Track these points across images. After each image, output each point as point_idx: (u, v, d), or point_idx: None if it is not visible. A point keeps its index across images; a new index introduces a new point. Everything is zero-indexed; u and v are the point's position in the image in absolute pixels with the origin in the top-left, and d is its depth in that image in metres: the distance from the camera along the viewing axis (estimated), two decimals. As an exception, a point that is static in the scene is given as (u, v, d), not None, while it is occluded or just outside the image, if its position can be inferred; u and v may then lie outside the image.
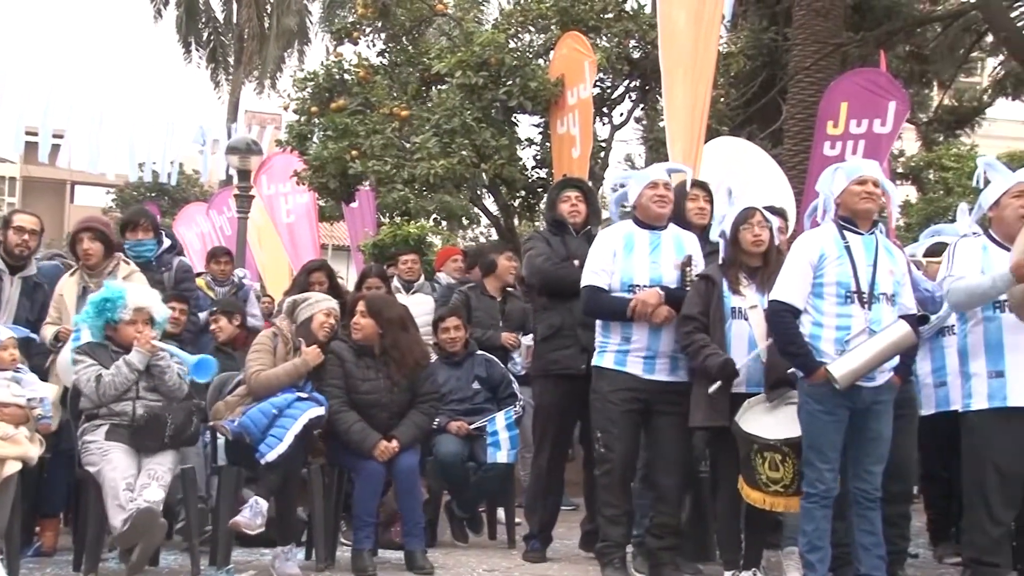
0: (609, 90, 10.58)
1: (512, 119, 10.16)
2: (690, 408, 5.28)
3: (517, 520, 6.71)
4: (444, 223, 17.42)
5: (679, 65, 8.08)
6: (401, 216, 12.03)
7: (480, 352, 6.91)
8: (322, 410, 5.50)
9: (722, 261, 5.39)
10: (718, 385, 5.09)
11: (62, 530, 6.25)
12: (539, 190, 10.40)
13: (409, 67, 10.72)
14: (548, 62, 9.91)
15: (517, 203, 10.84)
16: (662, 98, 9.01)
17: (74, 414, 5.50)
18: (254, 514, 5.26)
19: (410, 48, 11.06)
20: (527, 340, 6.77)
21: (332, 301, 5.92)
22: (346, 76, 10.61)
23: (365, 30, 11.08)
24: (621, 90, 10.71)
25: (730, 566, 5.24)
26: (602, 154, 10.56)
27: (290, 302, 5.97)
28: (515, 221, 11.47)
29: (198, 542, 5.44)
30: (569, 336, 5.89)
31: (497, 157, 9.53)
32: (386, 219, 13.55)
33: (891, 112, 8.75)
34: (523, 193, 10.56)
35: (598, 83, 9.75)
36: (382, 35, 11.13)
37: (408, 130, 9.98)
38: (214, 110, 44.95)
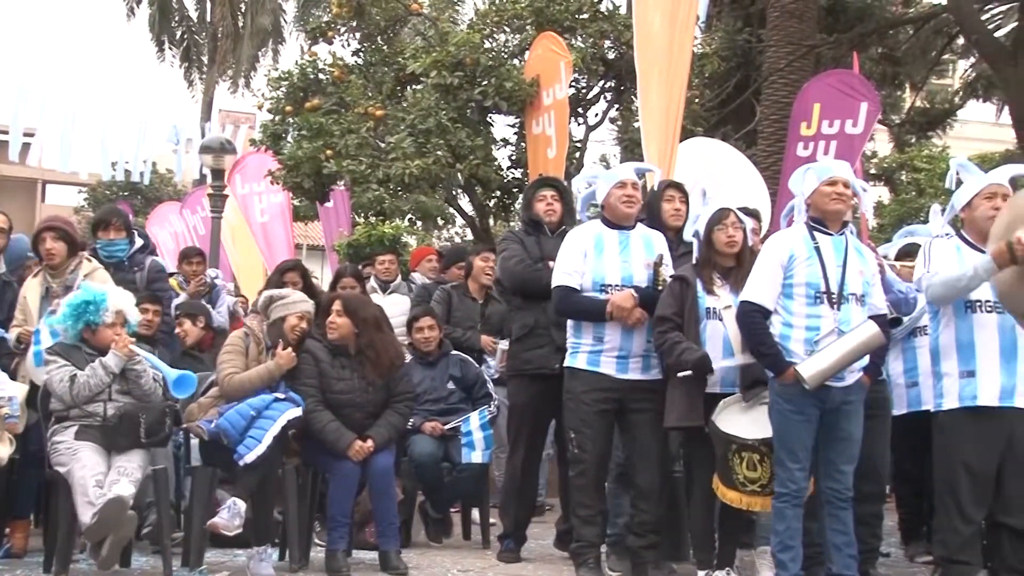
0: (584, 90, 10.58)
1: (487, 119, 10.15)
2: (665, 409, 5.29)
3: (492, 520, 6.71)
4: (419, 223, 17.42)
5: (654, 66, 8.10)
6: (376, 216, 12.00)
7: (455, 352, 6.90)
8: (300, 411, 5.48)
9: (696, 261, 5.40)
10: (689, 373, 5.10)
11: (32, 531, 6.19)
12: (514, 190, 10.39)
13: (384, 67, 10.69)
14: (523, 62, 9.90)
15: (492, 203, 10.83)
16: (637, 99, 9.03)
17: (44, 415, 5.44)
18: (232, 515, 5.24)
19: (385, 48, 11.03)
20: (503, 344, 6.76)
21: (309, 303, 5.88)
22: (321, 75, 10.58)
23: (340, 29, 11.05)
24: (596, 91, 10.72)
25: (704, 566, 5.25)
26: (577, 155, 10.56)
27: (266, 297, 5.90)
28: (490, 221, 11.45)
29: (170, 543, 5.40)
30: (543, 335, 5.89)
31: (472, 157, 9.52)
32: (361, 219, 13.51)
33: (863, 113, 8.80)
34: (498, 193, 10.55)
35: (573, 83, 9.75)
36: (357, 34, 11.10)
37: (383, 130, 9.96)
38: (188, 109, 44.67)
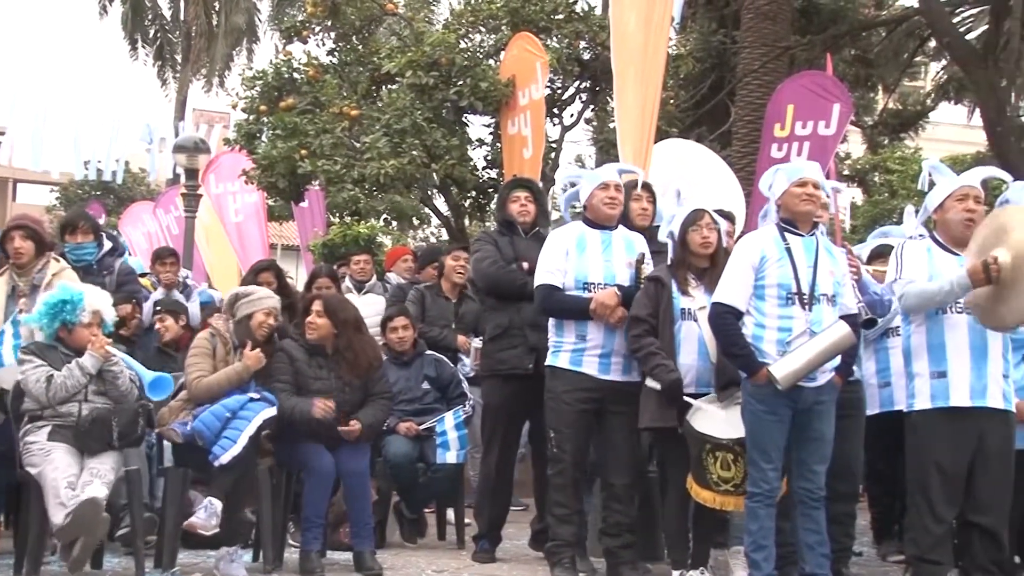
0: (559, 91, 10.58)
1: (463, 119, 10.13)
2: (639, 409, 5.30)
3: (467, 520, 6.70)
4: (394, 223, 17.37)
5: (630, 66, 8.11)
6: (351, 216, 11.95)
7: (429, 352, 6.88)
8: (275, 411, 5.46)
9: (670, 262, 5.42)
10: (659, 388, 5.13)
11: (3, 533, 6.14)
12: (490, 190, 10.37)
13: (359, 66, 10.65)
14: (499, 62, 9.89)
15: (468, 203, 10.80)
16: (612, 99, 9.04)
17: (16, 415, 5.38)
18: (209, 515, 5.22)
19: (360, 47, 10.98)
20: (476, 342, 6.76)
21: (275, 299, 5.84)
22: (295, 75, 10.52)
23: (315, 29, 11.00)
24: (571, 91, 10.72)
25: (678, 565, 5.27)
26: (552, 155, 10.56)
27: (231, 295, 5.85)
28: (465, 221, 11.43)
29: (143, 544, 5.37)
30: (517, 336, 5.89)
31: (448, 157, 9.50)
32: (336, 219, 13.45)
33: (835, 114, 8.83)
34: (474, 193, 10.53)
35: (548, 84, 9.76)
36: (332, 34, 11.05)
37: (358, 130, 9.92)
38: (161, 108, 44.37)
